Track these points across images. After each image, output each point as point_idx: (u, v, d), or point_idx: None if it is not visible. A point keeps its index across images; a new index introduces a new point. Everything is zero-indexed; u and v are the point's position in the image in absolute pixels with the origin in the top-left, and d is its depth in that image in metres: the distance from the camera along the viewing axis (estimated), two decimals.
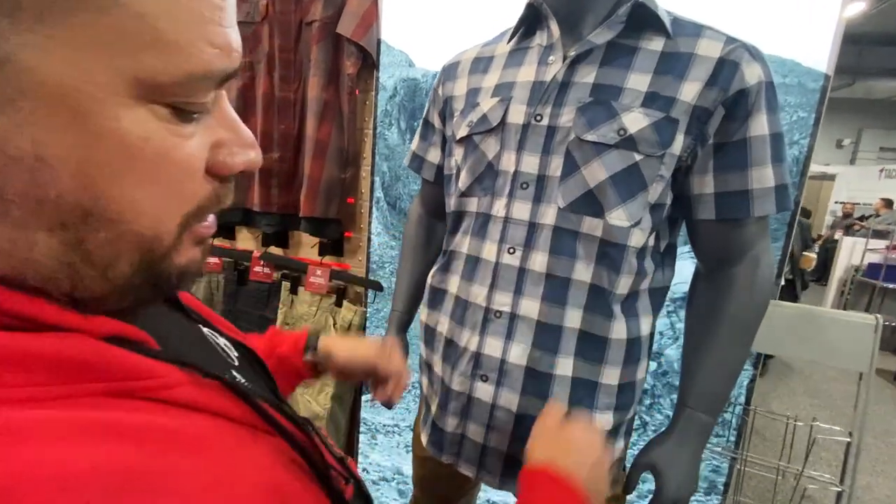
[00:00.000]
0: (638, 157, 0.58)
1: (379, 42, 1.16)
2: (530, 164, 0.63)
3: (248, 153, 0.27)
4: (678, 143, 0.58)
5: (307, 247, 1.33)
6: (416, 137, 0.87)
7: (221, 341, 0.37)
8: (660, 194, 0.60)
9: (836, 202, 7.71)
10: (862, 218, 6.73)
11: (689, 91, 0.57)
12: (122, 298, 0.25)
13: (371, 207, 1.24)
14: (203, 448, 0.23)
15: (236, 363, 0.36)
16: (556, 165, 0.61)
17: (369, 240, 1.27)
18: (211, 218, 0.28)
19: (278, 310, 1.32)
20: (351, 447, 1.40)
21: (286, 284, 1.31)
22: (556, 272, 0.62)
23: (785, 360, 3.63)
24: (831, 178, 7.95)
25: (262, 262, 1.34)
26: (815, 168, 8.06)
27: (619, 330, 0.62)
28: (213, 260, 1.40)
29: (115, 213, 0.22)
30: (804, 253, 3.68)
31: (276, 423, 0.29)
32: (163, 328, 0.31)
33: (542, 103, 0.62)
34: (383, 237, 1.27)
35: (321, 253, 1.28)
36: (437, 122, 0.81)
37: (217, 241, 1.43)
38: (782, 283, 0.87)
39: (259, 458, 0.26)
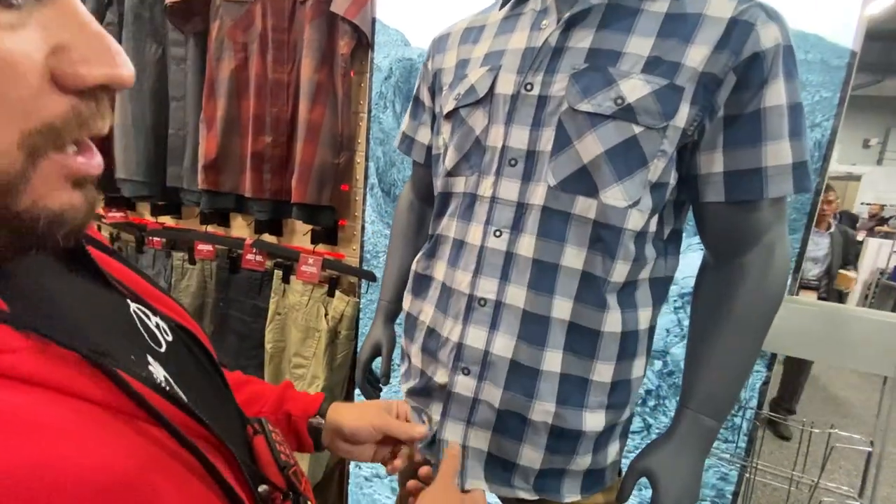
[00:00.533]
0: (637, 130, 0.52)
1: (374, 21, 1.11)
2: (519, 138, 0.57)
3: (108, 64, 0.22)
4: (682, 115, 0.52)
5: (301, 235, 1.30)
6: (407, 117, 0.82)
7: (153, 321, 0.33)
8: (661, 172, 0.54)
9: (862, 203, 7.45)
10: (883, 221, 6.48)
11: (696, 55, 0.51)
12: None
13: (365, 194, 1.20)
14: (23, 426, 0.19)
15: (163, 348, 0.32)
16: (546, 139, 0.56)
17: (363, 228, 1.22)
18: (90, 151, 0.24)
19: (270, 299, 1.28)
20: None
21: (278, 273, 1.27)
22: (545, 257, 0.56)
23: (803, 363, 3.49)
24: (857, 178, 7.67)
25: (254, 250, 1.30)
26: (840, 168, 7.80)
27: (612, 322, 0.56)
28: (206, 247, 1.37)
29: None
30: (843, 271, 3.07)
31: (154, 412, 0.24)
32: (46, 293, 0.26)
33: (532, 71, 0.57)
34: (377, 225, 1.22)
35: (314, 241, 1.24)
36: (426, 99, 0.76)
37: (211, 228, 1.40)
38: (798, 281, 0.80)
39: (118, 449, 0.22)
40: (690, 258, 0.67)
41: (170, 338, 0.33)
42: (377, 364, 0.94)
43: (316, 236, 1.24)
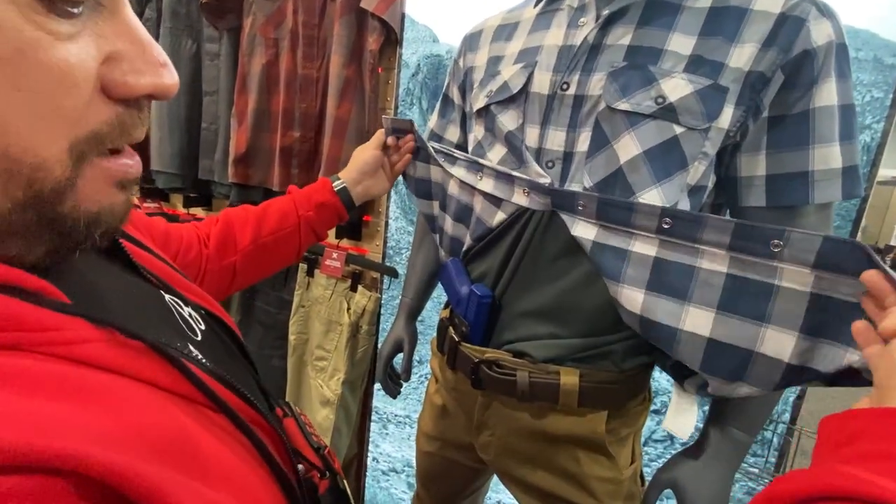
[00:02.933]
0: (678, 130, 0.50)
1: (403, 16, 1.11)
2: (556, 140, 0.56)
3: (156, 75, 0.23)
4: (726, 116, 0.50)
5: None
6: (435, 114, 0.82)
7: (186, 311, 0.34)
8: (701, 175, 0.52)
9: None
10: None
11: (742, 55, 0.48)
12: (13, 242, 0.21)
13: (389, 191, 1.20)
14: (104, 400, 0.20)
15: (199, 336, 0.33)
16: (583, 140, 0.54)
17: (386, 224, 1.22)
18: (131, 154, 0.25)
19: (295, 291, 1.30)
20: (362, 436, 1.37)
21: (303, 266, 1.29)
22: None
23: None
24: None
25: None
26: (884, 172, 7.36)
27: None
28: None
29: None
30: None
31: (215, 398, 0.25)
32: (99, 287, 0.27)
33: (569, 70, 0.55)
34: (401, 221, 1.23)
35: (338, 235, 1.25)
36: (456, 97, 0.76)
37: None
38: None
39: (185, 428, 0.23)
40: None
41: (203, 326, 0.34)
42: (398, 360, 0.95)
43: (340, 231, 1.25)
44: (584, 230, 0.53)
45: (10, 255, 0.21)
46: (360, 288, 1.24)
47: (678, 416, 0.57)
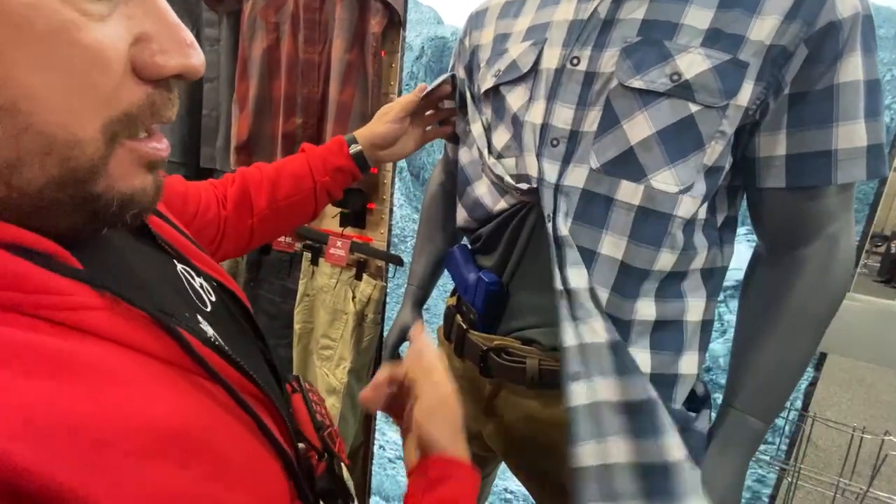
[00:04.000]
0: (694, 109, 0.48)
1: None
2: (563, 117, 0.54)
3: (184, 55, 0.23)
4: (746, 93, 0.47)
5: (329, 217, 1.30)
6: None
7: (198, 282, 0.34)
8: (718, 156, 0.50)
9: None
10: None
11: (763, 28, 0.46)
12: (44, 216, 0.22)
13: (394, 177, 1.18)
14: (98, 376, 0.20)
15: (209, 307, 0.33)
16: (592, 119, 0.52)
17: (391, 212, 1.21)
18: (160, 138, 0.25)
19: (299, 280, 1.29)
20: (368, 424, 1.38)
21: (307, 255, 1.28)
22: (582, 243, 0.54)
23: (844, 364, 3.33)
24: None
25: None
26: None
27: (645, 311, 0.53)
28: None
29: (8, 100, 0.18)
30: None
31: (210, 369, 0.25)
32: (112, 255, 0.28)
33: (580, 44, 0.53)
34: (406, 209, 1.21)
35: (342, 224, 1.24)
36: (462, 77, 0.73)
37: None
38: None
39: (183, 402, 0.23)
40: (736, 249, 0.62)
41: (213, 298, 0.34)
42: (404, 348, 0.94)
43: (344, 219, 1.24)
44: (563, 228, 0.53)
45: (33, 226, 0.21)
46: (364, 276, 1.23)
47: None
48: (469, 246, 0.70)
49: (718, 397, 0.79)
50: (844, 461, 0.78)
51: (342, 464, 0.37)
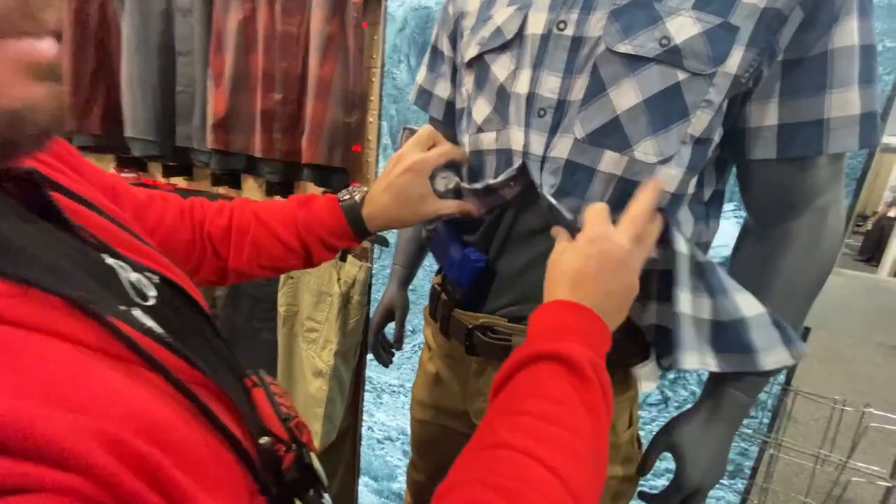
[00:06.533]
0: (681, 76, 0.46)
1: None
2: (549, 85, 0.52)
3: None
4: (735, 59, 0.45)
5: None
6: (423, 69, 0.76)
7: (134, 276, 0.31)
8: (706, 126, 0.48)
9: None
10: None
11: None
12: None
13: (378, 156, 1.15)
14: (12, 358, 0.18)
15: (150, 302, 0.30)
16: (579, 87, 0.50)
17: None
18: (51, 42, 0.22)
19: None
20: (356, 406, 1.37)
21: None
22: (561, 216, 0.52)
23: (823, 339, 3.42)
24: (894, 150, 7.27)
25: None
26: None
27: None
28: None
29: None
30: None
31: (144, 354, 0.23)
32: (20, 244, 0.24)
33: (566, 7, 0.50)
34: None
35: None
36: (446, 47, 0.70)
37: (222, 190, 1.37)
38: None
39: (127, 389, 0.21)
40: (722, 225, 0.61)
41: (154, 293, 0.31)
42: (390, 329, 0.92)
43: None
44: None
45: None
46: (350, 258, 1.20)
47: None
48: (454, 223, 0.68)
49: (704, 373, 0.79)
50: (825, 433, 0.79)
51: (311, 453, 0.36)
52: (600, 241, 0.44)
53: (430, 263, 0.92)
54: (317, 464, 0.35)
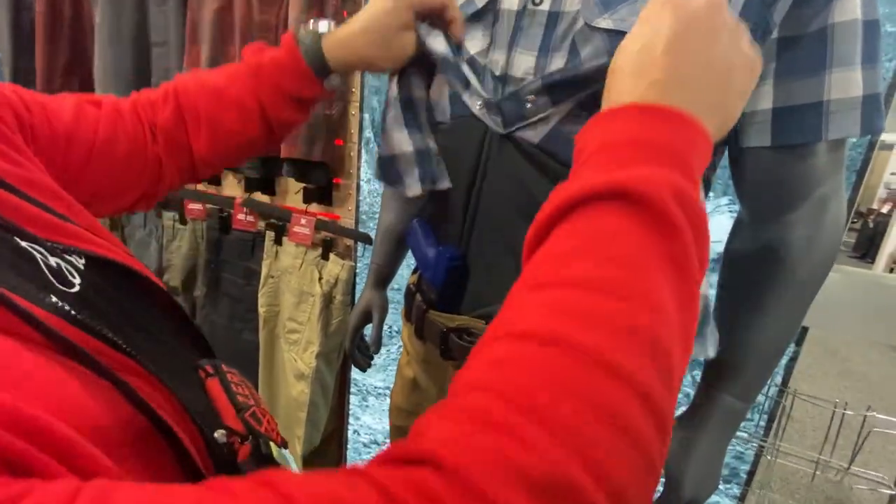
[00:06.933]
0: None
1: None
2: (524, 65, 0.48)
3: None
4: None
5: (292, 193, 1.22)
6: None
7: (53, 260, 0.28)
8: None
9: (891, 173, 7.09)
10: None
11: None
12: None
13: (360, 150, 1.11)
14: None
15: (75, 288, 0.27)
16: (555, 66, 0.46)
17: (358, 187, 1.14)
18: None
19: (263, 261, 1.22)
20: (341, 409, 1.33)
21: (270, 234, 1.20)
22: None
23: (818, 336, 3.39)
24: (889, 147, 7.26)
25: (245, 210, 1.23)
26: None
27: None
28: (196, 206, 1.31)
29: None
30: None
31: (65, 342, 0.22)
32: None
33: None
34: (374, 184, 1.14)
35: (306, 200, 1.16)
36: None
37: (201, 187, 1.32)
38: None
39: (45, 377, 0.20)
40: (717, 220, 0.57)
41: (79, 280, 0.28)
42: (369, 331, 0.88)
43: (309, 195, 1.16)
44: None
45: None
46: (332, 256, 1.16)
47: None
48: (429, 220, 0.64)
49: (698, 374, 0.75)
50: (825, 437, 0.76)
51: (271, 442, 0.33)
52: None
53: (412, 261, 0.87)
54: (277, 453, 0.33)
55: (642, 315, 0.20)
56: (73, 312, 0.24)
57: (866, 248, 6.29)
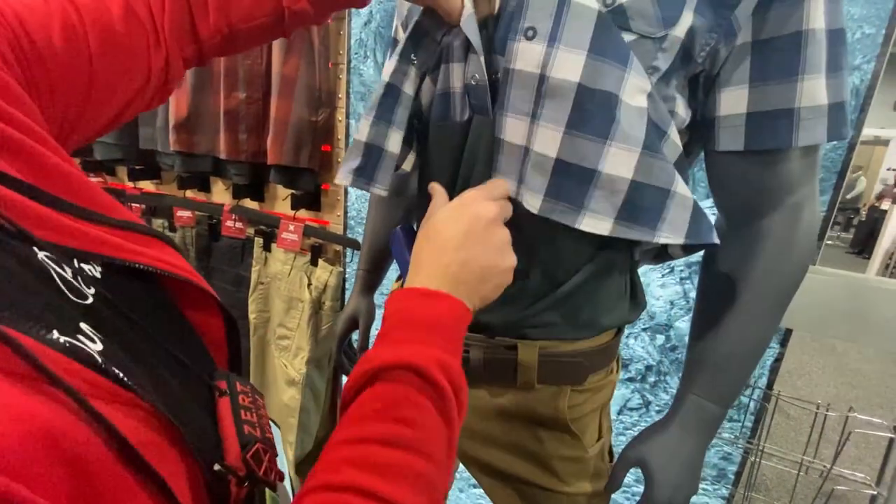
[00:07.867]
0: (629, 38, 0.42)
1: None
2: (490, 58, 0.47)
3: None
4: (685, 24, 0.41)
5: (280, 200, 1.22)
6: (388, 62, 0.72)
7: (69, 272, 0.26)
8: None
9: (888, 169, 7.11)
10: None
11: None
12: None
13: None
14: None
15: (89, 300, 0.26)
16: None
17: (346, 192, 1.14)
18: None
19: (252, 267, 1.22)
20: (333, 414, 1.33)
21: (259, 241, 1.20)
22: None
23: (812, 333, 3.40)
24: (885, 142, 7.29)
25: (233, 217, 1.23)
26: (867, 131, 7.36)
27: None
28: (185, 214, 1.31)
29: None
30: None
31: (50, 374, 0.20)
32: None
33: None
34: None
35: (294, 206, 1.16)
36: (401, 36, 0.66)
37: (190, 194, 1.32)
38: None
39: (32, 409, 0.18)
40: None
41: (91, 290, 0.27)
42: (356, 338, 0.88)
43: (297, 201, 1.16)
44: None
45: None
46: (320, 262, 1.16)
47: None
48: (414, 226, 0.64)
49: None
50: (808, 439, 0.76)
51: (268, 490, 0.32)
52: (473, 203, 0.42)
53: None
54: (270, 499, 0.32)
55: (425, 464, 0.30)
56: (63, 341, 0.22)
57: (863, 244, 6.31)
